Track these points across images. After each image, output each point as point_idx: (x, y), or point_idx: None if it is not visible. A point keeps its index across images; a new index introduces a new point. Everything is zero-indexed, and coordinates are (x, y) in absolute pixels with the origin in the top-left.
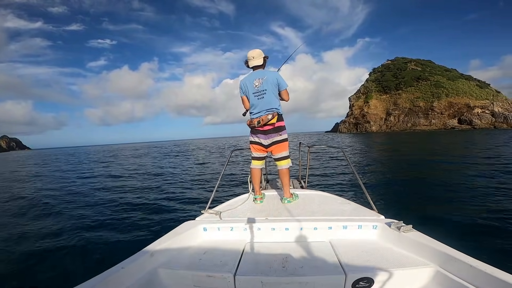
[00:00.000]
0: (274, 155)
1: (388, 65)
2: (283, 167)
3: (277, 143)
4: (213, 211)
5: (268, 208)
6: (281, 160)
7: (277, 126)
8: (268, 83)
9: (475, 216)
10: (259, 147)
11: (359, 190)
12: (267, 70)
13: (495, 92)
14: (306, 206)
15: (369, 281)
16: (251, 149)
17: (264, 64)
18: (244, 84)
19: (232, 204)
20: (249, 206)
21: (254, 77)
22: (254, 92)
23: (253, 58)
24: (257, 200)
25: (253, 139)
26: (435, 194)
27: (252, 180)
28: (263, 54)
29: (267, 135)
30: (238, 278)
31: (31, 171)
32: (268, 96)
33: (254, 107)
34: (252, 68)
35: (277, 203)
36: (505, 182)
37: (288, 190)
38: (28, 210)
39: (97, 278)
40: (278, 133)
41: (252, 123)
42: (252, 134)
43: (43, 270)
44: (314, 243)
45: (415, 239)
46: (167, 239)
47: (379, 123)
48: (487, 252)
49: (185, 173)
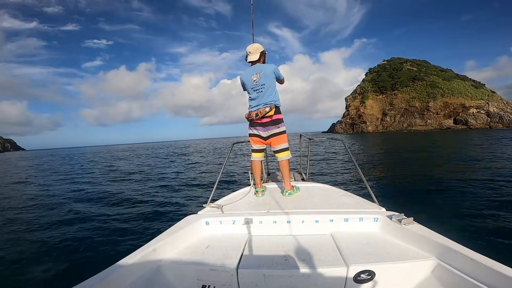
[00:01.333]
0: (273, 147)
1: (384, 65)
2: (283, 159)
3: (275, 135)
4: (214, 205)
5: (269, 201)
6: (280, 152)
7: (275, 119)
8: (266, 77)
9: (475, 209)
10: (258, 139)
11: (360, 182)
12: (264, 64)
13: (490, 92)
14: (307, 198)
15: (371, 273)
16: (250, 142)
17: (263, 58)
18: (243, 80)
19: (233, 198)
20: (250, 199)
21: (251, 72)
22: (252, 86)
23: (250, 53)
24: (258, 193)
25: (251, 131)
26: (436, 187)
27: (253, 173)
28: (261, 49)
29: (266, 127)
30: (240, 271)
31: (28, 172)
32: (266, 90)
33: (252, 101)
34: (250, 63)
35: (279, 196)
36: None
37: (289, 182)
38: (32, 209)
39: (100, 274)
40: (276, 126)
41: (250, 116)
42: (251, 127)
43: (46, 268)
44: (316, 236)
45: (416, 232)
46: (170, 234)
47: (375, 123)
48: (487, 245)
49: (186, 169)
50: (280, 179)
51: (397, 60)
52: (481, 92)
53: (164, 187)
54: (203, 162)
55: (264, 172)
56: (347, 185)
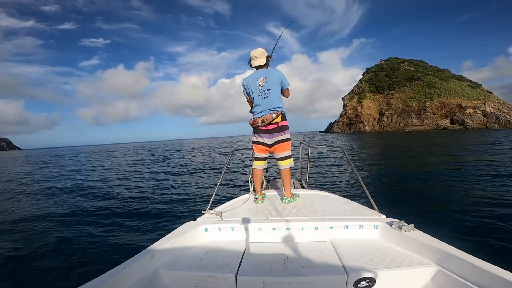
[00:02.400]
0: (277, 154)
1: (381, 65)
2: (285, 167)
3: (280, 142)
4: (214, 212)
5: (269, 208)
6: (283, 160)
7: (281, 125)
8: (272, 82)
9: (477, 215)
10: (262, 147)
11: (360, 189)
12: (270, 69)
13: (487, 93)
14: (307, 206)
15: (371, 280)
16: (253, 149)
17: (267, 63)
18: (247, 84)
19: (233, 205)
20: (250, 206)
21: (257, 76)
22: (258, 91)
23: (255, 57)
24: (258, 200)
25: (256, 139)
26: (437, 193)
27: (253, 180)
28: (266, 54)
29: (271, 134)
30: (239, 279)
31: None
32: (272, 96)
33: (257, 107)
34: (255, 68)
35: (278, 203)
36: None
37: (289, 190)
38: (29, 208)
39: (98, 279)
40: (281, 132)
41: (255, 122)
42: (255, 134)
43: (43, 273)
44: (315, 243)
45: (416, 239)
46: (168, 240)
47: (372, 123)
48: (489, 251)
49: (185, 174)
50: (280, 186)
51: (394, 60)
52: (477, 92)
53: (162, 192)
54: (202, 166)
55: (264, 179)
56: (347, 192)
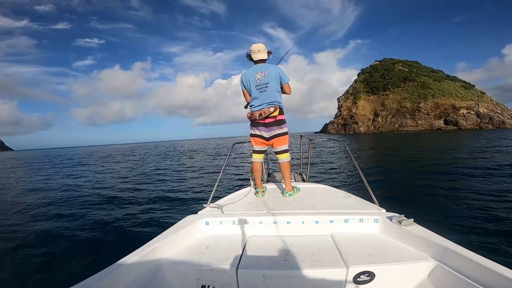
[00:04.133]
0: (275, 148)
1: (376, 66)
2: (284, 160)
3: (278, 136)
4: (215, 205)
5: (269, 201)
6: (282, 153)
7: (278, 119)
8: (270, 76)
9: (476, 210)
10: (260, 140)
11: (360, 183)
12: (269, 64)
13: (480, 93)
14: (307, 199)
15: (370, 274)
16: (251, 142)
17: (268, 58)
18: (245, 77)
19: (233, 198)
20: (250, 199)
21: (256, 70)
22: (256, 85)
23: (258, 51)
24: (258, 194)
25: (253, 132)
26: (437, 188)
27: (253, 174)
28: (266, 50)
29: (269, 127)
30: (240, 272)
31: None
32: (270, 90)
33: (255, 100)
34: (254, 62)
35: (279, 196)
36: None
37: (290, 183)
38: (30, 208)
39: (100, 274)
40: (279, 126)
41: (253, 115)
42: (253, 127)
43: (46, 268)
44: (316, 237)
45: (416, 233)
46: (169, 234)
47: (367, 123)
48: (487, 247)
49: (185, 170)
50: (280, 180)
51: (389, 60)
52: (471, 93)
53: (163, 187)
54: (201, 162)
55: (264, 173)
56: (347, 186)
